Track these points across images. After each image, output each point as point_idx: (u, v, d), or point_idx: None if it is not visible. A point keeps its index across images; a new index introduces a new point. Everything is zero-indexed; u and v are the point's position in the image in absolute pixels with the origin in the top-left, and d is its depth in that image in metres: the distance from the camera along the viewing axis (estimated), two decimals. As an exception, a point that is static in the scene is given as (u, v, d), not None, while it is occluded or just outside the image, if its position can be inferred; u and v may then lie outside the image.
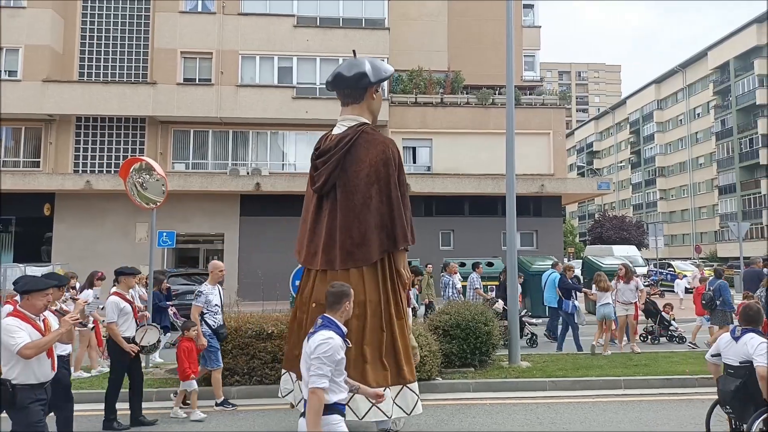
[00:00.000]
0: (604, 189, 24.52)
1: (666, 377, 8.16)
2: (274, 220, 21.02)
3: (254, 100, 21.50)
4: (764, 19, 49.49)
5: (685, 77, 62.48)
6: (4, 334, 3.89)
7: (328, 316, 3.54)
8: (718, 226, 54.49)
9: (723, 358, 4.98)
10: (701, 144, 59.87)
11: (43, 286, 4.18)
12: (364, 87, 6.01)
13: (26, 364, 3.95)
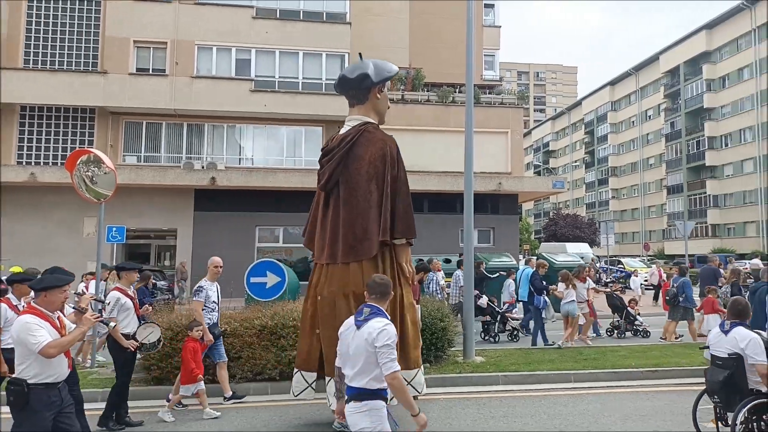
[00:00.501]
0: (559, 188, 25.08)
1: (613, 370, 8.41)
2: (230, 215, 20.65)
3: (210, 92, 20.99)
4: (713, 26, 51.69)
5: (637, 80, 64.68)
6: (24, 332, 3.76)
7: (375, 305, 3.62)
8: (666, 224, 56.72)
9: (711, 350, 5.23)
10: (652, 145, 62.12)
11: (62, 282, 4.05)
12: (366, 88, 6.27)
13: (44, 363, 3.81)
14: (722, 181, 50.82)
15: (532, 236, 66.24)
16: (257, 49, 21.67)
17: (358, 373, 3.46)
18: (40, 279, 4.18)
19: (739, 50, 49.06)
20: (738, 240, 48.02)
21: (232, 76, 21.40)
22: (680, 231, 25.06)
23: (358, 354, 3.47)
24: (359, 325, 3.53)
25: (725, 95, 50.74)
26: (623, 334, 12.75)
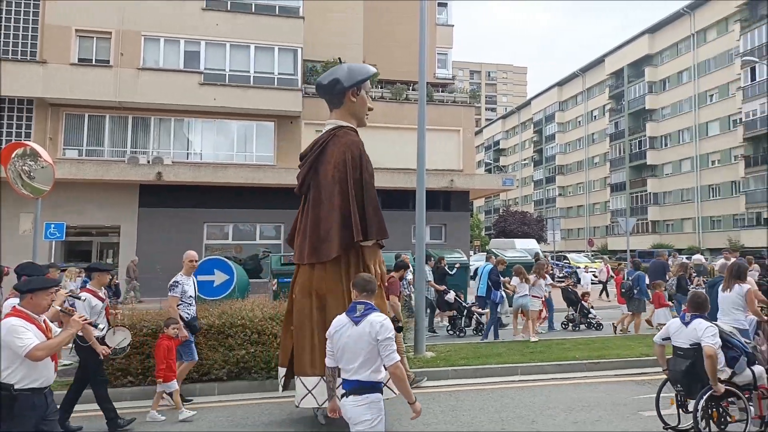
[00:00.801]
0: (509, 185, 25.63)
1: (558, 363, 8.67)
2: (177, 212, 20.07)
3: (157, 85, 20.32)
4: (655, 30, 53.92)
5: (584, 81, 66.80)
6: (10, 334, 3.67)
7: (367, 302, 3.77)
8: (609, 221, 58.93)
9: (673, 342, 5.49)
10: (597, 144, 64.33)
11: (48, 284, 4.02)
12: (340, 92, 6.39)
13: (30, 367, 3.73)
14: (662, 179, 53.19)
15: (483, 232, 67.55)
16: (207, 41, 21.13)
17: (360, 367, 3.58)
18: (27, 281, 4.06)
19: (678, 54, 51.39)
20: (676, 236, 50.41)
21: (180, 68, 20.79)
22: (622, 227, 26.10)
23: (359, 348, 3.58)
24: (357, 321, 3.65)
25: (665, 97, 53.08)
26: (578, 327, 13.26)
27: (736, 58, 43.48)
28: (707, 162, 47.97)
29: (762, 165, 41.59)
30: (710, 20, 47.20)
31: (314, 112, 22.41)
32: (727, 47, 45.45)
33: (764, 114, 41.05)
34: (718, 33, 46.79)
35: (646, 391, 7.50)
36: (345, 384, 3.67)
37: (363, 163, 6.20)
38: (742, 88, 42.98)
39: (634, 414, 6.47)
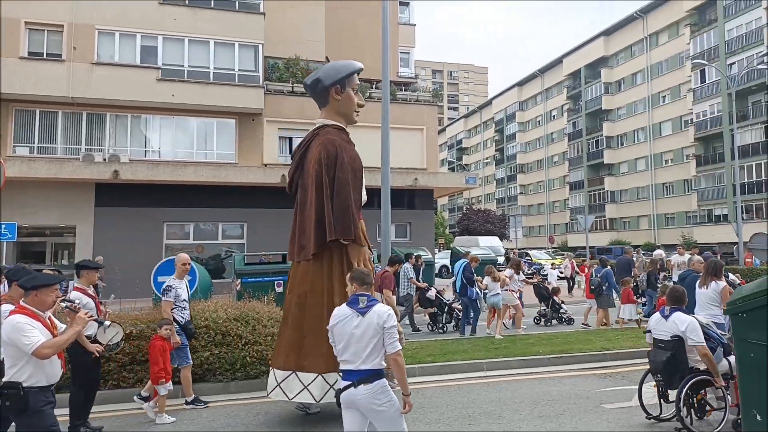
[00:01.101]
0: (471, 183, 25.90)
1: (523, 358, 8.79)
2: (135, 211, 19.48)
3: (113, 80, 19.66)
4: (610, 32, 55.45)
5: (543, 82, 68.17)
6: (16, 332, 3.63)
7: (367, 293, 3.90)
8: (569, 218, 60.34)
9: (654, 334, 5.74)
10: (556, 144, 65.78)
11: (54, 280, 3.97)
12: (322, 91, 6.44)
13: (38, 365, 3.69)
14: (618, 178, 54.79)
15: (447, 230, 68.17)
16: (165, 36, 20.56)
17: (369, 356, 3.70)
18: (31, 277, 3.98)
19: (633, 56, 53.01)
20: (632, 233, 52.01)
21: (137, 63, 20.17)
22: (582, 224, 26.76)
23: (368, 338, 3.71)
24: (364, 312, 3.76)
25: (621, 98, 54.68)
26: (550, 322, 13.56)
27: (686, 61, 45.12)
28: (661, 161, 49.66)
29: (712, 164, 43.32)
30: (662, 24, 48.84)
31: (276, 109, 22.15)
32: (678, 50, 47.13)
33: (714, 115, 42.74)
34: (670, 36, 48.48)
35: (608, 384, 7.69)
36: (352, 375, 3.72)
37: (338, 162, 6.12)
38: (693, 89, 44.64)
39: (597, 407, 6.60)
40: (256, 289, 10.91)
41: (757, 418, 4.01)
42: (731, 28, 41.23)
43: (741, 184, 30.46)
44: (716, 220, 42.23)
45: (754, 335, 4.07)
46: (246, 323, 7.46)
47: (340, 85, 6.42)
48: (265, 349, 7.45)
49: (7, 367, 3.63)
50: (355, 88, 6.65)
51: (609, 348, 9.51)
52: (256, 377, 7.32)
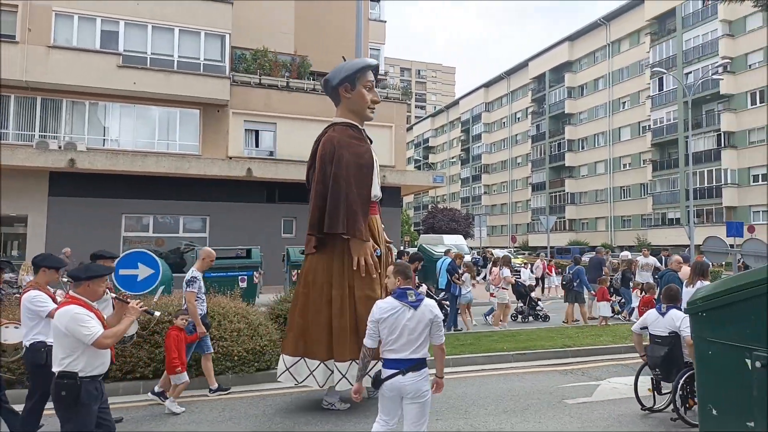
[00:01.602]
0: (439, 182, 26.06)
1: (487, 354, 8.89)
2: (92, 201, 18.81)
3: (71, 65, 18.91)
4: (574, 38, 56.71)
5: (509, 84, 69.23)
6: (74, 322, 3.63)
7: (410, 287, 4.16)
8: (531, 218, 61.53)
9: (650, 330, 6.14)
10: (520, 145, 66.93)
11: (106, 271, 4.05)
12: (332, 90, 6.69)
13: (92, 355, 3.73)
14: (578, 180, 56.16)
15: (412, 228, 68.50)
16: (127, 21, 19.89)
17: (419, 346, 3.98)
18: (84, 268, 4.00)
19: (595, 62, 54.38)
20: (591, 233, 53.42)
21: (96, 48, 19.46)
22: (543, 225, 27.30)
23: (420, 329, 3.99)
24: (416, 306, 4.01)
25: (583, 102, 56.03)
26: (527, 319, 13.87)
27: (646, 69, 46.57)
28: (619, 165, 51.14)
29: (667, 169, 44.87)
30: (624, 32, 50.28)
31: (243, 101, 21.75)
32: (638, 58, 48.60)
33: (670, 122, 44.27)
34: (631, 44, 49.94)
35: (569, 380, 7.85)
36: (400, 363, 3.94)
37: (335, 159, 6.27)
38: (651, 97, 46.12)
39: (560, 402, 6.73)
40: (219, 284, 10.68)
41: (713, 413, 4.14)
42: (689, 38, 42.78)
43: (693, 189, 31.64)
44: (670, 223, 43.79)
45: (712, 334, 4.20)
46: (211, 318, 7.28)
47: (349, 83, 6.55)
48: (230, 345, 7.30)
49: (61, 358, 3.67)
50: (368, 86, 6.67)
51: (570, 345, 9.72)
52: (221, 373, 7.17)
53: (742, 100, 39.13)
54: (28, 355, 4.88)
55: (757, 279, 3.82)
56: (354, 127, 6.69)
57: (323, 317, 6.18)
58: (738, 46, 39.34)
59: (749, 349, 3.67)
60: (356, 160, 6.36)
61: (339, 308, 6.14)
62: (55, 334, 3.75)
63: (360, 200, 6.30)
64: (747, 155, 38.68)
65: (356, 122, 6.73)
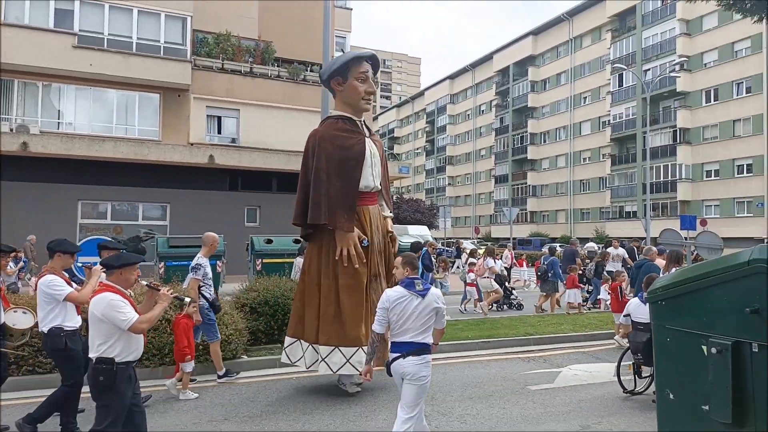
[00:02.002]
0: (404, 173, 26.16)
1: (453, 342, 8.98)
2: (46, 187, 18.11)
3: (22, 44, 18.06)
4: (538, 32, 57.47)
5: (474, 76, 69.72)
6: (111, 309, 3.75)
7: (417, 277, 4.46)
8: (493, 210, 62.44)
9: (633, 318, 6.51)
10: (484, 138, 67.66)
11: (137, 260, 4.12)
12: (326, 84, 6.91)
13: (127, 341, 3.83)
14: (540, 173, 57.24)
15: (376, 219, 68.52)
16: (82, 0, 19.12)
17: (422, 332, 4.24)
18: (117, 256, 4.13)
19: (558, 57, 55.30)
20: (551, 225, 54.61)
21: (50, 27, 18.64)
22: (506, 216, 27.72)
23: (424, 317, 4.25)
24: (423, 294, 4.27)
25: (545, 96, 56.98)
26: (501, 308, 14.19)
27: (606, 65, 47.65)
28: (579, 159, 52.33)
29: (625, 163, 46.17)
30: (586, 28, 51.25)
31: (205, 86, 21.24)
32: (599, 54, 49.66)
33: (629, 117, 45.51)
34: (593, 40, 50.98)
35: (531, 367, 8.02)
36: (402, 347, 4.22)
37: (316, 152, 6.46)
38: (611, 92, 47.26)
39: (523, 388, 6.87)
40: (182, 273, 10.44)
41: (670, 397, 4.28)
42: (648, 36, 43.94)
43: (650, 183, 32.67)
44: (627, 216, 45.15)
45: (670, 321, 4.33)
46: (173, 308, 7.12)
47: (340, 76, 6.63)
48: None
49: (98, 344, 3.77)
50: (361, 77, 6.69)
51: (532, 333, 9.93)
52: (185, 362, 7.03)
53: (697, 98, 40.52)
54: (47, 340, 4.95)
55: (713, 269, 3.96)
56: (347, 120, 6.75)
57: (314, 303, 6.46)
58: (694, 45, 40.66)
59: (705, 336, 3.80)
60: (340, 153, 6.45)
61: (326, 295, 6.38)
62: (91, 321, 3.83)
63: (343, 192, 6.41)
64: (701, 151, 40.15)
65: (351, 114, 6.77)
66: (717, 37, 39.02)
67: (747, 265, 3.53)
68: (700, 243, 12.44)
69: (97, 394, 3.79)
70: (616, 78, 46.66)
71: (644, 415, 5.80)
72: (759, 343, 3.40)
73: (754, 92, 36.73)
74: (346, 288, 6.32)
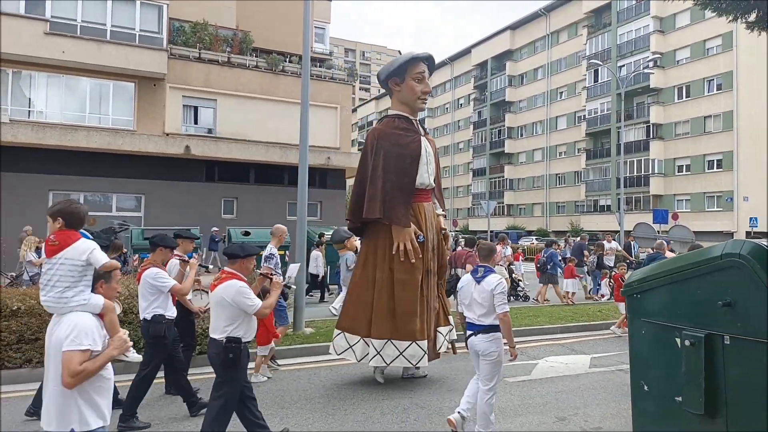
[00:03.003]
0: (383, 165, 26.05)
1: (431, 336, 9.05)
2: (16, 177, 17.64)
3: (-9, 29, 17.50)
4: (516, 27, 57.79)
5: (452, 70, 69.85)
6: (240, 295, 4.14)
7: (486, 265, 4.95)
8: (471, 203, 62.86)
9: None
10: (462, 131, 67.95)
11: (257, 251, 4.53)
12: (383, 84, 7.08)
13: (249, 323, 4.27)
14: (517, 167, 57.78)
15: (353, 211, 68.46)
16: (54, -16, 18.58)
17: (485, 314, 4.79)
18: (240, 247, 4.45)
19: (535, 52, 55.73)
20: (527, 219, 55.24)
21: (20, 13, 18.08)
22: (484, 209, 27.97)
23: (484, 300, 4.77)
24: (479, 281, 4.82)
25: (523, 91, 57.43)
26: (509, 299, 14.32)
27: (582, 60, 48.22)
28: (555, 153, 52.96)
29: (600, 158, 46.89)
30: (563, 23, 51.73)
31: (181, 75, 20.88)
32: (576, 49, 50.21)
33: (603, 113, 46.18)
34: (569, 36, 51.49)
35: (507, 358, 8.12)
36: (473, 326, 4.84)
37: (375, 149, 6.70)
38: (587, 87, 47.86)
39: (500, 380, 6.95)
40: (158, 264, 10.28)
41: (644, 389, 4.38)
42: (623, 32, 44.56)
43: (624, 177, 33.25)
44: (601, 210, 45.91)
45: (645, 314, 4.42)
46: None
47: (397, 76, 6.83)
48: (171, 328, 7.08)
49: (224, 326, 4.17)
50: (417, 77, 6.84)
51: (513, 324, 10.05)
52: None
53: (670, 94, 41.30)
54: (148, 326, 5.34)
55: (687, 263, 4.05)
56: (404, 118, 6.95)
57: (368, 297, 6.60)
58: (668, 42, 41.39)
59: (679, 329, 3.89)
60: (398, 150, 6.64)
61: (380, 290, 6.52)
62: (218, 304, 4.20)
63: (399, 188, 6.58)
64: (673, 146, 40.99)
65: (407, 113, 6.96)
66: (689, 35, 39.79)
67: (720, 259, 3.62)
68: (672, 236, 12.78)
69: (223, 369, 4.18)
70: (591, 74, 47.25)
71: (619, 407, 5.94)
72: (731, 336, 3.50)
73: (725, 89, 37.60)
74: (401, 282, 6.47)
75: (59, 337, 2.76)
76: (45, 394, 2.80)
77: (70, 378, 2.65)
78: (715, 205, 38.36)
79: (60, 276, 2.97)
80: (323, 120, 23.04)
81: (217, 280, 4.31)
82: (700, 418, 3.66)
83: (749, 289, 3.40)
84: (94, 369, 2.72)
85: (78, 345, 2.70)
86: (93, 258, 3.08)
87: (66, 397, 2.71)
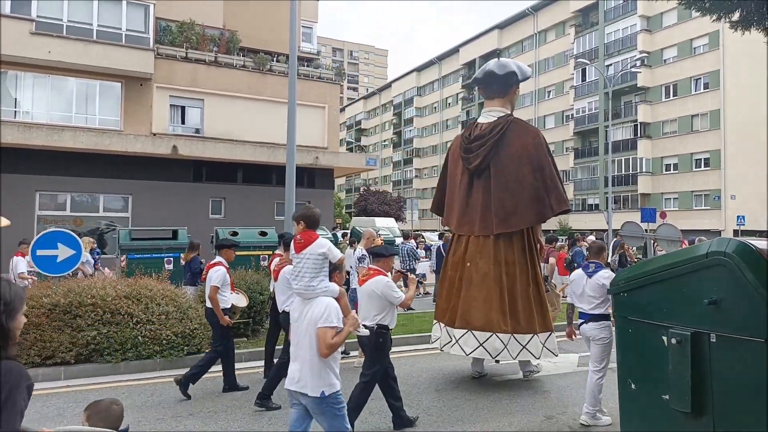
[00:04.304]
0: (372, 165, 26.08)
1: (419, 335, 9.08)
2: (4, 178, 17.36)
3: (-26, 28, 17.24)
4: (504, 26, 58.01)
5: (440, 69, 69.99)
6: (388, 289, 4.92)
7: (597, 261, 5.55)
8: (460, 202, 62.93)
9: None
10: (450, 130, 68.06)
11: (397, 251, 4.85)
12: (512, 84, 7.27)
13: (393, 313, 5.03)
14: (506, 165, 57.91)
15: (344, 210, 68.40)
16: (39, -17, 18.34)
17: (597, 306, 5.37)
18: (385, 248, 5.36)
19: (523, 51, 55.95)
20: (516, 217, 55.37)
21: (6, 13, 17.82)
22: (473, 208, 27.97)
23: (594, 292, 5.36)
24: (590, 275, 5.42)
25: (511, 90, 57.55)
26: None
27: (570, 59, 48.49)
28: (544, 151, 53.17)
29: (588, 157, 47.20)
30: (550, 22, 52.00)
31: (168, 75, 20.71)
32: (563, 49, 50.48)
33: (591, 112, 46.48)
34: (557, 35, 51.77)
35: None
36: (584, 316, 5.45)
37: (547, 148, 7.07)
38: (575, 87, 48.15)
39: (489, 379, 7.00)
40: (145, 266, 10.23)
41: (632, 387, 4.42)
42: (610, 32, 44.89)
43: (612, 176, 33.48)
44: (590, 209, 46.22)
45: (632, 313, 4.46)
46: (138, 301, 6.97)
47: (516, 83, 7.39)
48: (159, 328, 7.02)
49: (374, 315, 4.91)
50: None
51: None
52: (148, 357, 6.89)
53: (657, 93, 41.66)
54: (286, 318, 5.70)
55: (673, 262, 4.08)
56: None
57: (526, 294, 6.66)
58: (654, 41, 41.74)
59: (666, 327, 3.92)
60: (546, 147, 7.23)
61: (539, 285, 6.86)
62: (368, 297, 4.96)
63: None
64: (660, 145, 41.35)
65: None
66: (676, 34, 40.15)
67: (706, 258, 3.65)
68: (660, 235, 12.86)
69: (374, 351, 4.95)
70: (579, 73, 47.53)
71: (607, 406, 5.98)
72: (717, 334, 3.53)
73: (712, 88, 37.99)
74: (542, 279, 6.98)
75: (314, 316, 3.51)
76: (295, 362, 3.56)
77: (327, 350, 3.42)
78: (703, 204, 38.76)
79: (307, 268, 3.70)
80: (311, 119, 22.97)
81: (365, 276, 5.10)
82: (687, 416, 3.69)
83: (735, 287, 3.44)
84: (340, 341, 3.50)
85: (330, 323, 3.46)
86: (331, 253, 3.80)
87: (321, 364, 3.45)
